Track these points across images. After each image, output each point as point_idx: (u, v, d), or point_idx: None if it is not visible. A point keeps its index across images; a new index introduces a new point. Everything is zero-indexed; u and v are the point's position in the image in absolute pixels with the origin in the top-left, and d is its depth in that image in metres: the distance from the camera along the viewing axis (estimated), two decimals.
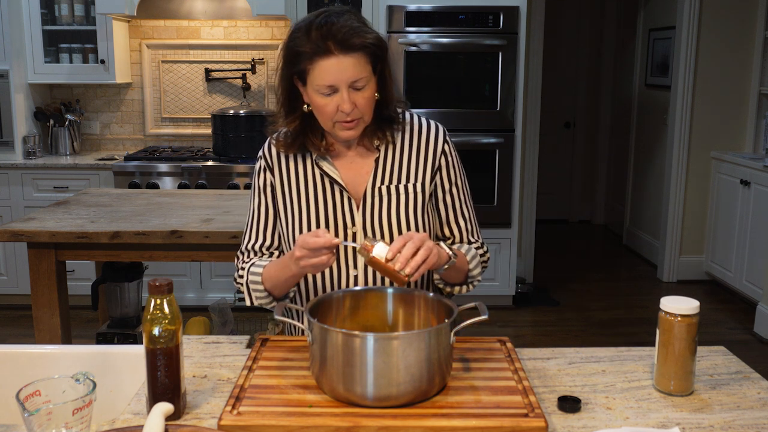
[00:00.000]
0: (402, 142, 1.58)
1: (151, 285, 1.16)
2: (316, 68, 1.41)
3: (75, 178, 4.24)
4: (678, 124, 4.95)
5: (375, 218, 1.55)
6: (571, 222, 7.04)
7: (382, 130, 1.55)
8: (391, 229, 1.54)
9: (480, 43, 4.16)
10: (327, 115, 1.46)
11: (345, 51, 1.40)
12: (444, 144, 1.60)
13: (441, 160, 1.59)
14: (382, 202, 1.55)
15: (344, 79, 1.41)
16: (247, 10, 4.49)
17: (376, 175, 1.56)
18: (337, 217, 1.55)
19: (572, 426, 1.20)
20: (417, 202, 1.56)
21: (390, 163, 1.57)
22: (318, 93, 1.44)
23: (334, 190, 1.56)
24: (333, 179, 1.55)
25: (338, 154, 1.58)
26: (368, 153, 1.58)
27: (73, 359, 1.49)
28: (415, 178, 1.57)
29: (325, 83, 1.42)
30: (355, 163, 1.58)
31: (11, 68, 4.23)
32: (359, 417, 1.17)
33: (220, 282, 4.31)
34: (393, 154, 1.57)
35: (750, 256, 4.44)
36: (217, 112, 4.34)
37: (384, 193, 1.55)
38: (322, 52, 1.40)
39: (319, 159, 1.56)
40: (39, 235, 2.47)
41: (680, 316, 1.30)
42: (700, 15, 4.82)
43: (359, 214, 1.55)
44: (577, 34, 6.75)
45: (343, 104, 1.43)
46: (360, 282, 1.56)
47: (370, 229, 1.54)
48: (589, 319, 4.38)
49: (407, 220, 1.55)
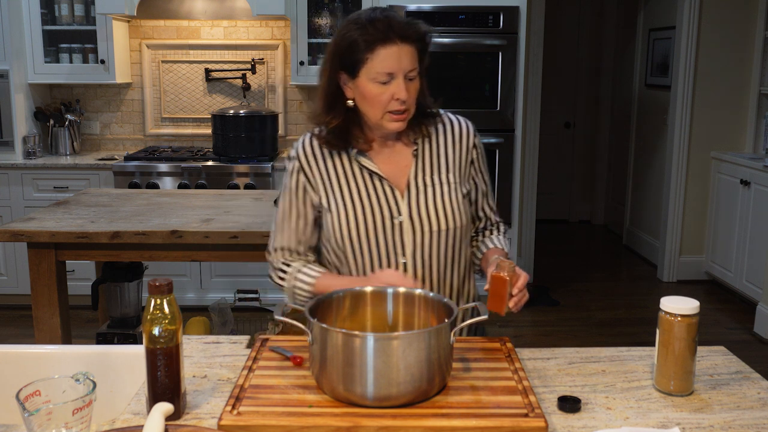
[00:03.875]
0: (437, 136, 1.67)
1: (151, 285, 1.16)
2: (376, 56, 1.48)
3: (75, 178, 4.24)
4: (678, 124, 4.95)
5: (421, 207, 1.60)
6: (571, 222, 7.03)
7: (421, 125, 1.63)
8: (437, 217, 1.60)
9: (480, 43, 4.16)
10: (380, 104, 1.52)
11: (404, 40, 1.49)
12: (474, 137, 1.70)
13: (473, 153, 1.69)
14: (426, 192, 1.62)
15: (402, 68, 1.49)
16: (247, 10, 4.49)
17: (417, 166, 1.63)
18: (383, 207, 1.60)
19: (572, 426, 1.20)
20: (457, 191, 1.64)
21: (429, 156, 1.65)
22: (374, 82, 1.50)
23: (375, 182, 1.61)
24: (374, 172, 1.61)
25: (375, 150, 1.64)
26: (405, 147, 1.65)
27: (73, 359, 1.50)
28: (453, 168, 1.65)
29: (385, 70, 1.48)
30: (393, 156, 1.64)
31: (11, 68, 4.23)
32: (359, 417, 1.17)
33: (220, 282, 4.31)
34: (430, 147, 1.65)
35: (750, 256, 4.44)
36: (217, 112, 4.33)
37: (428, 182, 1.62)
38: (385, 40, 1.47)
39: (358, 155, 1.61)
40: (39, 235, 2.47)
41: (680, 316, 1.30)
42: (700, 15, 4.82)
43: (404, 203, 1.60)
44: (578, 35, 6.75)
45: (400, 92, 1.49)
46: (409, 270, 1.60)
47: (416, 217, 1.59)
48: (589, 319, 4.38)
49: (451, 208, 1.62)
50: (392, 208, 1.60)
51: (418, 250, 1.60)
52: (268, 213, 2.80)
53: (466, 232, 1.66)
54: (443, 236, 1.60)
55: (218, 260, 2.67)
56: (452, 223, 1.61)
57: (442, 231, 1.60)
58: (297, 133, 4.75)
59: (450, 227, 1.61)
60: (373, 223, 1.58)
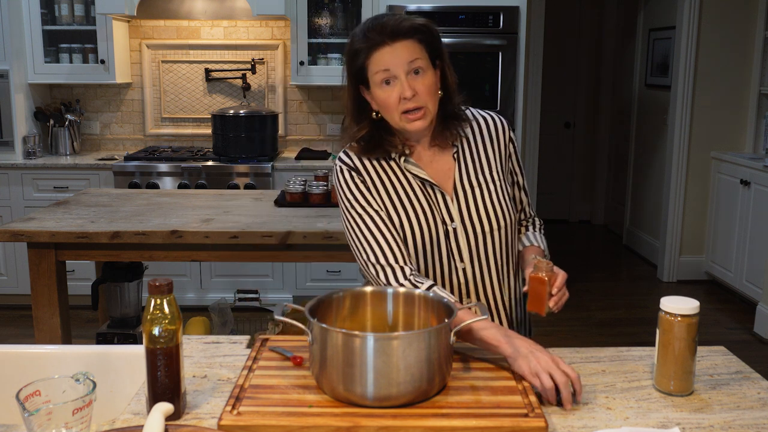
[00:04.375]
0: (473, 135, 1.67)
1: (151, 285, 1.16)
2: (372, 61, 1.50)
3: (75, 178, 4.24)
4: (678, 124, 4.95)
5: (471, 209, 1.61)
6: (571, 222, 7.03)
7: (451, 128, 1.62)
8: (489, 217, 1.61)
9: (480, 43, 4.16)
10: (391, 107, 1.51)
11: (396, 38, 1.48)
12: (510, 132, 1.71)
13: (510, 148, 1.70)
14: (474, 193, 1.62)
15: (399, 63, 1.48)
16: (247, 10, 4.49)
17: (460, 168, 1.63)
18: (434, 213, 1.60)
19: (572, 426, 1.20)
20: (502, 189, 1.65)
21: (469, 156, 1.65)
22: (378, 86, 1.51)
23: (425, 187, 1.61)
24: (422, 178, 1.60)
25: (417, 156, 1.63)
26: (444, 151, 1.64)
27: (73, 359, 1.50)
28: (495, 166, 1.66)
29: (380, 68, 1.49)
30: (434, 161, 1.63)
31: (11, 68, 4.23)
32: (359, 417, 1.17)
33: (220, 282, 4.31)
34: (470, 148, 1.65)
35: (750, 256, 4.44)
36: (217, 112, 4.33)
37: (474, 184, 1.62)
38: (378, 44, 1.49)
39: (405, 162, 1.61)
40: (39, 235, 2.47)
41: (680, 316, 1.30)
42: (700, 15, 4.82)
43: (455, 207, 1.60)
44: (577, 34, 6.75)
45: (404, 90, 1.49)
46: (468, 274, 1.61)
47: (468, 220, 1.59)
48: (589, 319, 4.38)
49: (500, 207, 1.62)
50: (444, 214, 1.60)
51: (474, 254, 1.61)
52: (268, 213, 2.80)
53: (516, 227, 1.68)
54: (496, 236, 1.62)
55: (218, 260, 2.67)
56: (503, 222, 1.62)
57: (494, 231, 1.61)
58: (297, 133, 4.76)
59: (501, 226, 1.62)
60: (428, 230, 1.58)
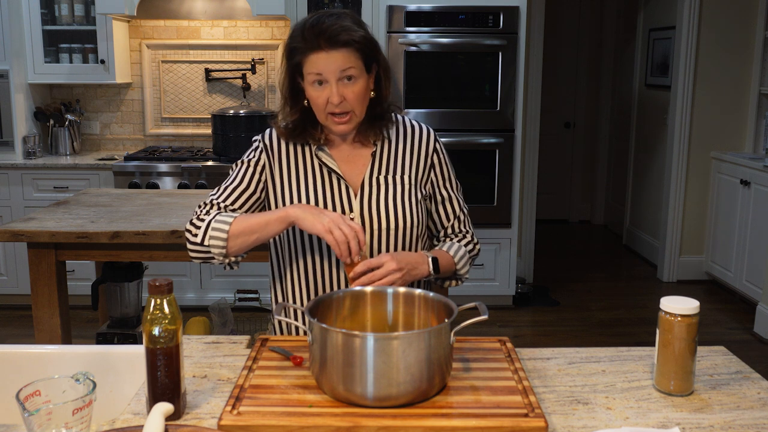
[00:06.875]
0: (396, 138, 1.72)
1: (151, 285, 1.16)
2: (307, 61, 1.56)
3: (75, 178, 4.24)
4: (678, 124, 4.95)
5: (372, 205, 1.65)
6: (571, 222, 7.03)
7: (376, 128, 1.67)
8: (387, 214, 1.65)
9: (480, 43, 4.16)
10: (319, 106, 1.59)
11: (332, 46, 1.53)
12: (435, 143, 1.74)
13: (434, 158, 1.73)
14: (379, 191, 1.66)
15: (331, 71, 1.54)
16: (247, 10, 4.49)
17: (373, 166, 1.68)
18: (335, 203, 1.65)
19: (572, 426, 1.20)
20: (411, 192, 1.68)
21: (386, 157, 1.70)
22: (311, 85, 1.57)
23: (332, 179, 1.66)
24: (331, 169, 1.66)
25: (336, 148, 1.69)
26: (364, 147, 1.70)
27: (73, 359, 1.50)
28: (409, 171, 1.70)
29: (313, 71, 1.55)
30: (352, 155, 1.69)
31: (11, 68, 4.23)
32: (359, 417, 1.17)
33: (220, 282, 4.31)
34: (389, 149, 1.70)
35: (750, 256, 4.44)
36: (217, 112, 4.34)
37: (381, 182, 1.67)
38: (313, 48, 1.54)
39: (318, 150, 1.67)
40: (39, 235, 2.47)
41: (680, 316, 1.30)
42: (700, 15, 4.82)
43: (357, 201, 1.66)
44: (577, 35, 6.75)
45: (332, 96, 1.55)
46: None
47: (367, 214, 1.64)
48: (589, 319, 4.38)
49: (402, 207, 1.66)
50: (345, 205, 1.65)
51: (373, 248, 1.64)
52: None
53: (420, 234, 1.69)
54: (392, 235, 1.64)
55: None
56: (402, 222, 1.65)
57: (392, 229, 1.64)
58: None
59: (400, 226, 1.64)
60: None
